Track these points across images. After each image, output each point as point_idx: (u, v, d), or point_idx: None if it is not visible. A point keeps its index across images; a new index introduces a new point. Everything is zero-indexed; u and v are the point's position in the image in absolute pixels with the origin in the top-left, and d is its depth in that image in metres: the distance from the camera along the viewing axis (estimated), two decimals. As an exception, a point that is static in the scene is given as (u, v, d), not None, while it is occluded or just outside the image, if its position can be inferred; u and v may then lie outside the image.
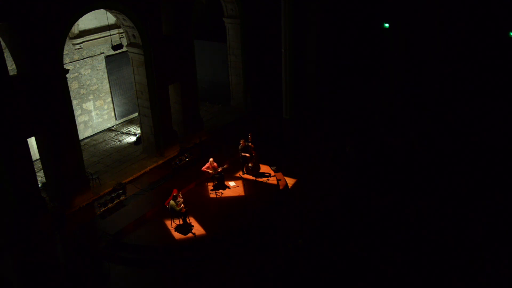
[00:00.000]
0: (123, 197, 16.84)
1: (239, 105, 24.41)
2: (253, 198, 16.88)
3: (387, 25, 22.11)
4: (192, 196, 17.06)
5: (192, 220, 15.67)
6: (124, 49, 18.53)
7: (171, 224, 15.51)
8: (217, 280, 13.52)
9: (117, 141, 21.21)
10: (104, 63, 21.46)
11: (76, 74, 20.41)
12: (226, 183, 17.53)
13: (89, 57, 20.78)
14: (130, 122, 23.03)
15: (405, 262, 13.78)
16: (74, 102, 19.85)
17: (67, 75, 17.36)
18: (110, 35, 20.12)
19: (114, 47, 17.73)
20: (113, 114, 22.49)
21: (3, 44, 14.51)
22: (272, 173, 18.34)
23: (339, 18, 23.38)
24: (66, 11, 15.10)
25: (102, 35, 20.54)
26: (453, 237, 14.75)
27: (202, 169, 17.14)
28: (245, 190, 17.31)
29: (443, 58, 21.32)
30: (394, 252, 14.19)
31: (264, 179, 17.96)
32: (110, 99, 22.10)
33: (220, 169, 17.18)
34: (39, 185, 15.89)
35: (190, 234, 15.10)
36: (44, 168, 16.46)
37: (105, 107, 22.05)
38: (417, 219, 15.63)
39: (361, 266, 13.73)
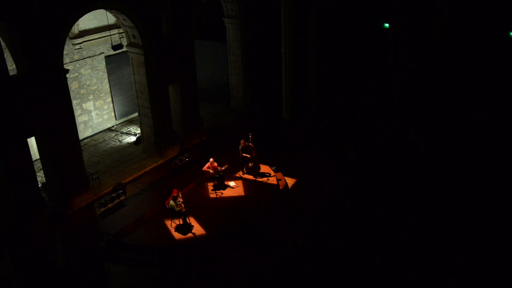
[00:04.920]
0: (123, 197, 16.84)
1: (239, 105, 24.42)
2: (253, 198, 16.88)
3: (387, 25, 22.12)
4: (192, 196, 17.07)
5: (192, 220, 15.67)
6: (124, 49, 18.52)
7: (171, 224, 15.52)
8: (217, 280, 13.52)
9: (117, 141, 21.21)
10: (104, 63, 21.45)
11: (76, 74, 20.41)
12: (226, 183, 17.53)
13: (89, 57, 20.78)
14: (130, 122, 23.03)
15: (405, 262, 13.78)
16: (74, 102, 19.85)
17: (67, 75, 17.35)
18: (110, 35, 20.11)
19: (114, 47, 17.72)
20: (113, 114, 22.49)
21: (3, 44, 14.51)
22: (272, 173, 18.34)
23: (339, 18, 23.37)
24: (66, 11, 15.09)
25: (102, 35, 20.53)
26: (454, 237, 14.75)
27: (202, 169, 17.14)
28: (245, 190, 17.31)
29: (443, 58, 21.32)
30: (394, 251, 14.19)
31: (264, 179, 17.96)
32: (110, 99, 22.10)
33: (221, 169, 17.19)
34: (39, 185, 15.88)
35: (190, 234, 15.10)
36: (44, 168, 16.45)
37: (105, 107, 22.05)
38: (418, 219, 15.63)
39: (362, 266, 13.73)
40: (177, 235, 15.11)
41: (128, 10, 16.92)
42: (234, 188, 17.42)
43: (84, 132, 21.17)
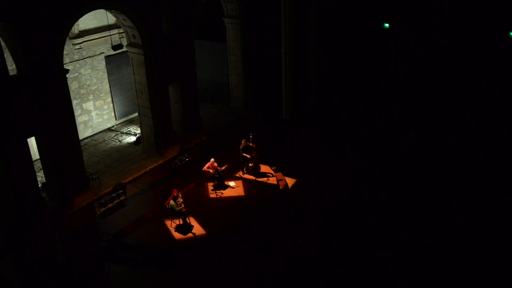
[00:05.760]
0: (123, 197, 16.84)
1: (239, 105, 24.42)
2: (253, 198, 16.88)
3: (387, 25, 22.12)
4: (192, 196, 17.07)
5: (192, 220, 15.67)
6: (124, 49, 18.53)
7: (171, 224, 15.52)
8: (217, 280, 13.52)
9: (117, 141, 21.21)
10: (104, 63, 21.45)
11: (76, 74, 20.41)
12: (226, 183, 17.54)
13: (89, 57, 20.78)
14: (130, 122, 23.03)
15: (405, 262, 13.78)
16: (74, 102, 19.85)
17: (67, 75, 17.35)
18: (110, 35, 20.12)
19: (114, 47, 17.72)
20: (113, 114, 22.49)
21: (3, 44, 14.51)
22: (272, 173, 18.35)
23: (339, 18, 23.38)
24: (66, 11, 15.09)
25: (102, 35, 20.54)
26: (454, 237, 14.75)
27: (203, 169, 17.15)
28: (245, 190, 17.31)
29: (443, 58, 21.32)
30: (394, 252, 14.19)
31: (264, 179, 17.96)
32: (110, 99, 22.10)
33: (221, 169, 17.19)
34: (39, 185, 15.88)
35: (190, 234, 15.10)
36: (44, 168, 16.46)
37: (105, 107, 22.05)
38: (418, 219, 15.62)
39: (361, 266, 13.73)
40: (177, 235, 15.11)
41: (128, 10, 16.92)
42: (234, 188, 17.43)
43: (84, 132, 21.17)
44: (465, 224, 15.30)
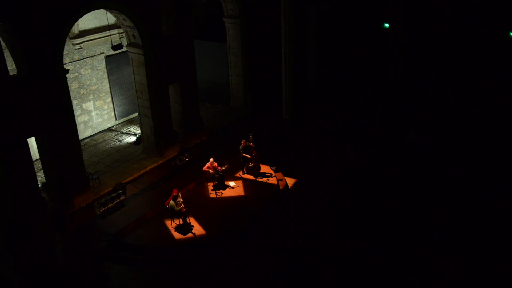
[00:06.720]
0: (123, 197, 16.84)
1: (239, 105, 24.42)
2: (253, 198, 16.88)
3: (387, 25, 22.14)
4: (192, 196, 17.07)
5: (192, 220, 15.67)
6: (124, 49, 18.52)
7: (171, 224, 15.52)
8: (217, 280, 13.52)
9: (117, 141, 21.21)
10: (104, 63, 21.45)
11: (76, 74, 20.41)
12: (226, 183, 17.54)
13: (89, 57, 20.78)
14: (130, 122, 23.03)
15: (405, 262, 13.78)
16: (74, 102, 19.85)
17: (67, 75, 17.35)
18: (110, 35, 20.11)
19: (114, 47, 17.72)
20: (113, 114, 22.49)
21: (3, 44, 14.51)
22: (272, 173, 18.35)
23: (339, 18, 23.40)
24: (66, 11, 15.09)
25: (102, 35, 20.53)
26: (454, 237, 14.75)
27: (203, 169, 17.15)
28: (245, 190, 17.32)
29: (443, 58, 21.33)
30: (394, 252, 14.19)
31: (264, 179, 17.97)
32: (110, 99, 22.10)
33: (221, 169, 17.19)
34: (39, 185, 15.88)
35: (190, 234, 15.10)
36: (44, 168, 16.46)
37: (105, 107, 22.05)
38: (418, 219, 15.62)
39: (361, 266, 13.73)
40: (177, 235, 15.11)
41: (128, 10, 16.92)
42: (234, 188, 17.43)
43: (84, 132, 21.17)
44: (465, 223, 15.30)
